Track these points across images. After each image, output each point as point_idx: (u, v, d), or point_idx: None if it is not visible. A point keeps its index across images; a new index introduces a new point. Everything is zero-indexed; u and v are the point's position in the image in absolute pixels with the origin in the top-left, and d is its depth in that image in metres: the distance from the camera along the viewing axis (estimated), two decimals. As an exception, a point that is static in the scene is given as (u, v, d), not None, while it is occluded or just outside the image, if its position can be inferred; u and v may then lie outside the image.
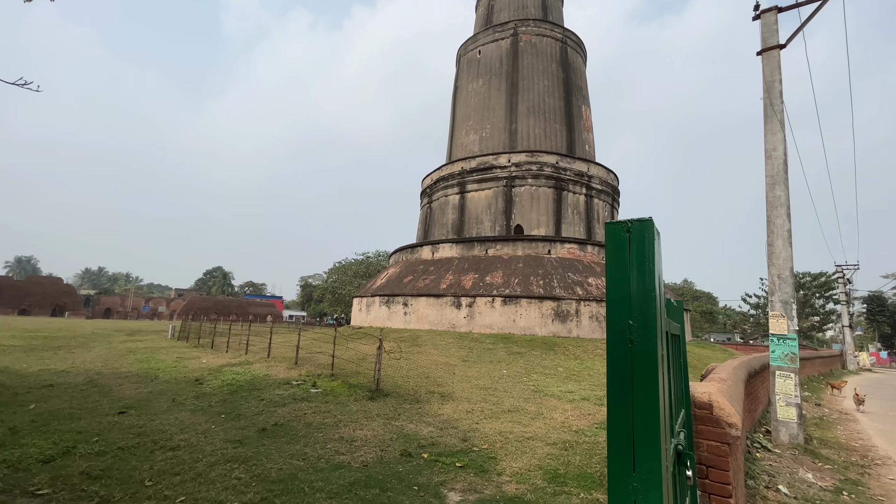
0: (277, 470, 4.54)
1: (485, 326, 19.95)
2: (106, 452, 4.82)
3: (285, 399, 8.02)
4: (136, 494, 3.79)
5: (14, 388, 8.15)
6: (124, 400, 7.71)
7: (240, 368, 11.47)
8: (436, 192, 30.81)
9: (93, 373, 10.61)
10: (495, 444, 5.85)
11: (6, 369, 10.63)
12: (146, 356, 14.43)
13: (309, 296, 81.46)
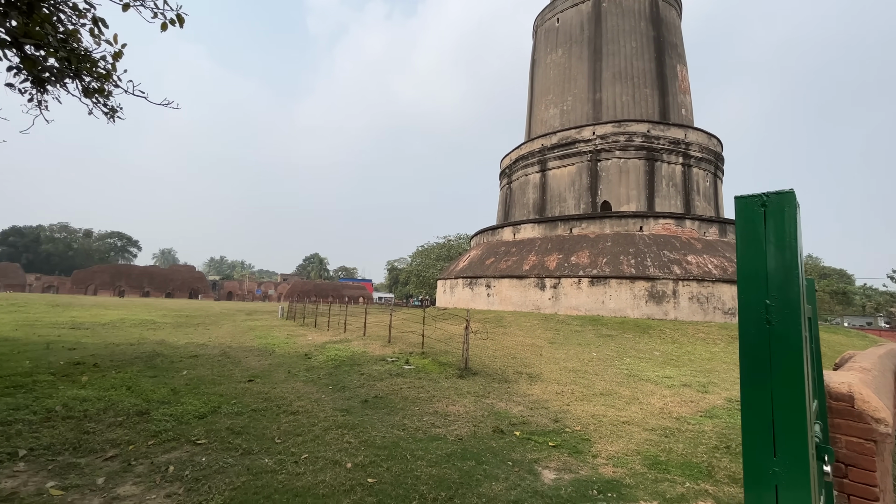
0: (381, 437, 4.98)
1: (571, 308, 19.37)
2: (243, 413, 5.67)
3: (382, 374, 8.66)
4: (270, 449, 4.43)
5: (170, 357, 9.89)
6: (251, 370, 8.94)
7: (340, 345, 12.59)
8: (515, 171, 30.21)
9: (225, 346, 12.44)
10: (588, 426, 5.75)
11: (163, 342, 12.91)
12: (263, 333, 16.47)
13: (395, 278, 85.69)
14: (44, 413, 5.16)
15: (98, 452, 4.15)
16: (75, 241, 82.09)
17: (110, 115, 6.73)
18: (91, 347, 11.03)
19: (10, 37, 5.10)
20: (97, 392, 6.24)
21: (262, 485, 3.59)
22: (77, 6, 4.98)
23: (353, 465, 4.11)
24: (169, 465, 3.92)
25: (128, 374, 7.70)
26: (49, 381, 6.85)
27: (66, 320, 18.34)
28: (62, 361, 8.66)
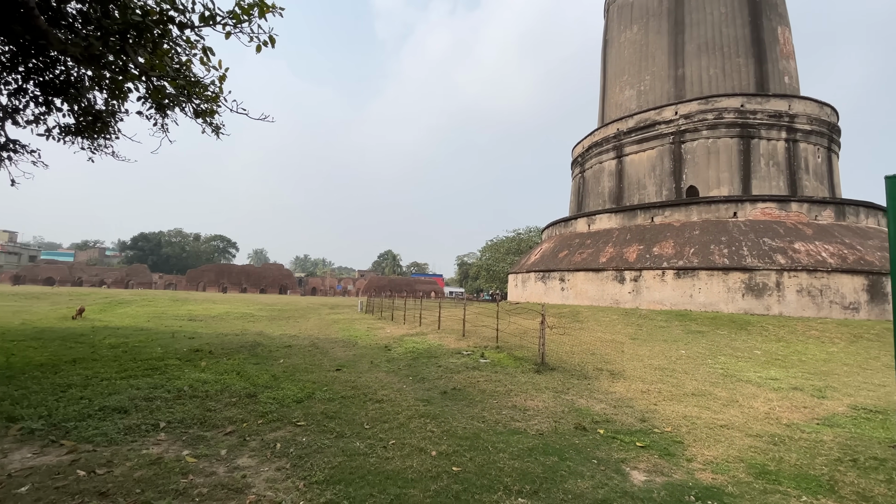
0: (462, 428, 5.10)
1: (654, 302, 18.15)
2: (334, 399, 6.14)
3: (458, 367, 8.83)
4: (360, 434, 4.76)
5: (269, 347, 10.98)
6: (337, 360, 9.62)
7: (417, 338, 13.04)
8: (588, 159, 28.87)
9: (313, 338, 13.51)
10: (680, 427, 5.38)
11: (261, 333, 14.35)
12: (346, 326, 17.59)
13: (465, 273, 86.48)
14: (175, 392, 6.02)
15: (219, 427, 4.76)
16: (187, 244, 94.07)
17: (216, 131, 7.60)
18: (205, 337, 12.61)
19: (140, 71, 5.97)
20: (214, 376, 7.14)
21: (356, 466, 3.87)
22: (189, 38, 5.69)
23: (438, 453, 4.27)
24: (276, 442, 4.38)
25: (236, 361, 8.70)
26: (176, 364, 7.97)
27: (184, 313, 21.13)
28: (185, 349, 10.01)
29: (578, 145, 30.75)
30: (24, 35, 6.13)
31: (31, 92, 7.45)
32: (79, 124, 7.66)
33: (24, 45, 6.66)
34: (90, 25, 6.05)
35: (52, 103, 7.54)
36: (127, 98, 6.64)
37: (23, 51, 6.88)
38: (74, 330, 12.90)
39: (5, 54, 7.15)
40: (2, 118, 7.56)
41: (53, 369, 7.11)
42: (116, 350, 9.37)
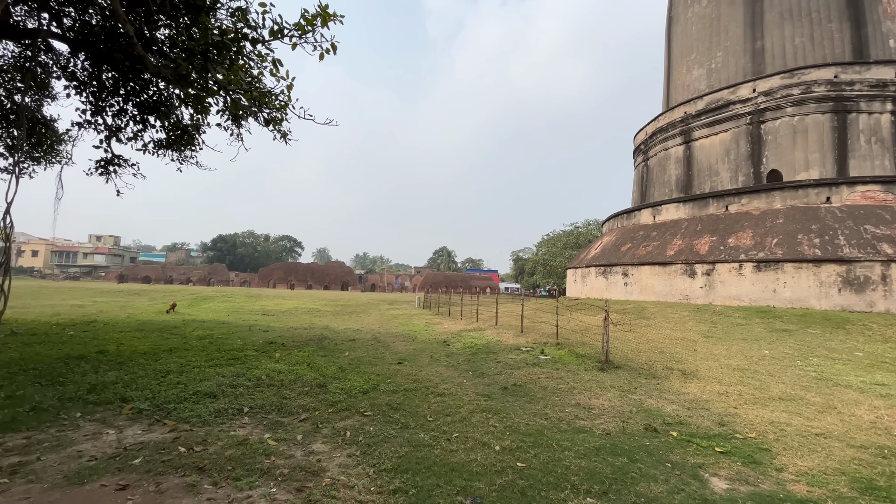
0: (525, 425, 5.05)
1: (730, 298, 16.76)
2: (398, 391, 6.35)
3: (518, 363, 8.74)
4: (424, 426, 4.88)
5: (335, 340, 11.57)
6: (399, 354, 9.92)
7: (475, 334, 13.08)
8: (652, 146, 27.22)
9: (375, 332, 14.02)
10: (766, 434, 4.93)
11: (327, 327, 15.15)
12: (405, 321, 18.06)
13: (521, 269, 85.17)
14: (255, 380, 6.54)
15: (295, 414, 5.11)
16: (259, 244, 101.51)
17: (284, 138, 8.11)
18: (278, 330, 13.55)
19: (219, 86, 6.52)
20: (287, 366, 7.67)
21: (421, 457, 3.97)
22: (260, 52, 6.11)
23: (501, 448, 4.27)
24: (346, 430, 4.62)
25: (306, 353, 9.26)
26: (254, 355, 8.65)
27: (258, 308, 22.84)
28: (261, 341, 10.83)
29: (641, 132, 29.07)
30: (124, 61, 6.93)
31: (130, 112, 8.41)
32: (169, 138, 8.53)
33: (124, 70, 7.52)
34: (177, 48, 6.70)
35: (147, 121, 8.47)
36: (209, 112, 7.28)
37: (123, 76, 7.78)
38: (168, 322, 14.44)
39: (109, 80, 8.13)
40: (108, 136, 8.61)
41: (154, 357, 8.01)
42: (203, 341, 10.36)
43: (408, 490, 3.30)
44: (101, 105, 8.21)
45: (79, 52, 7.85)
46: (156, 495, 3.06)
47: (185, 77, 5.85)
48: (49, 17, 7.40)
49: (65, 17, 7.44)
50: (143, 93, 8.16)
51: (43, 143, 9.70)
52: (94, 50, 7.22)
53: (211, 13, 5.84)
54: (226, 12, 6.43)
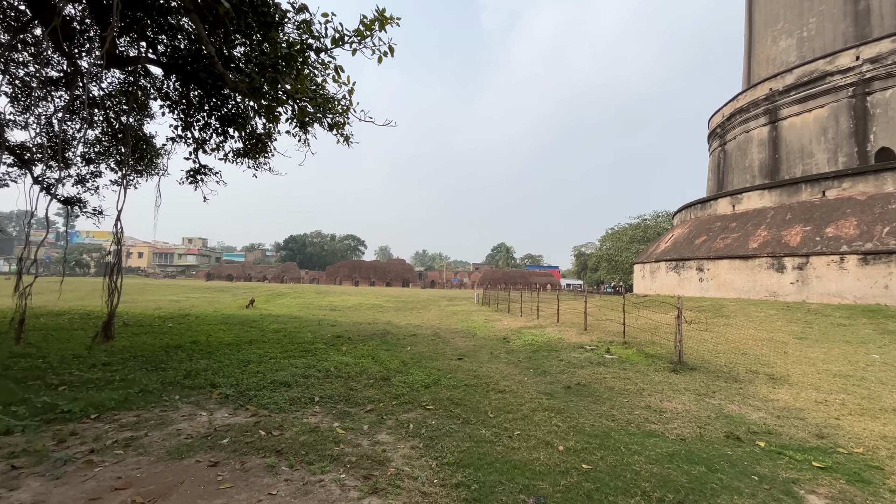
0: (590, 426, 4.86)
1: (829, 295, 14.91)
2: (458, 387, 6.40)
3: (582, 362, 8.44)
4: (485, 422, 4.87)
5: (397, 335, 11.94)
6: (459, 349, 10.00)
7: (535, 331, 12.83)
8: (731, 129, 24.89)
9: (435, 328, 14.26)
10: (876, 449, 4.33)
11: (390, 322, 15.67)
12: (464, 317, 18.16)
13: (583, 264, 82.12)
14: (324, 372, 6.93)
15: (361, 405, 5.34)
16: (325, 243, 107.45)
17: (346, 141, 8.47)
18: (344, 325, 14.25)
19: (287, 96, 6.95)
20: (354, 359, 8.04)
21: (483, 452, 3.98)
22: (323, 61, 6.43)
23: (565, 448, 4.15)
24: (409, 423, 4.74)
25: (370, 347, 9.64)
26: (323, 348, 9.17)
27: (326, 304, 24.17)
28: (329, 335, 11.46)
29: (717, 114, 26.68)
30: (207, 80, 7.63)
31: (213, 125, 9.25)
32: (246, 147, 9.27)
33: (207, 87, 8.29)
34: (251, 64, 7.25)
35: (227, 132, 9.27)
36: (279, 120, 7.81)
37: (207, 93, 8.57)
38: (248, 317, 15.75)
39: (196, 97, 9.00)
40: (195, 148, 9.54)
41: (237, 348, 8.78)
42: (278, 334, 11.17)
43: (470, 485, 3.32)
44: (189, 121, 9.12)
45: (171, 74, 8.77)
46: (241, 473, 3.35)
47: (258, 90, 6.32)
48: (146, 46, 8.35)
49: (159, 45, 8.35)
50: (223, 107, 8.94)
51: (144, 157, 10.98)
52: (183, 71, 8.03)
53: (280, 28, 6.24)
54: (292, 26, 6.84)
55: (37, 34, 8.90)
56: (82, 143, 11.43)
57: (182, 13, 7.69)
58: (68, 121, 10.87)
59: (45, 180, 11.13)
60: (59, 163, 11.42)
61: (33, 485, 3.05)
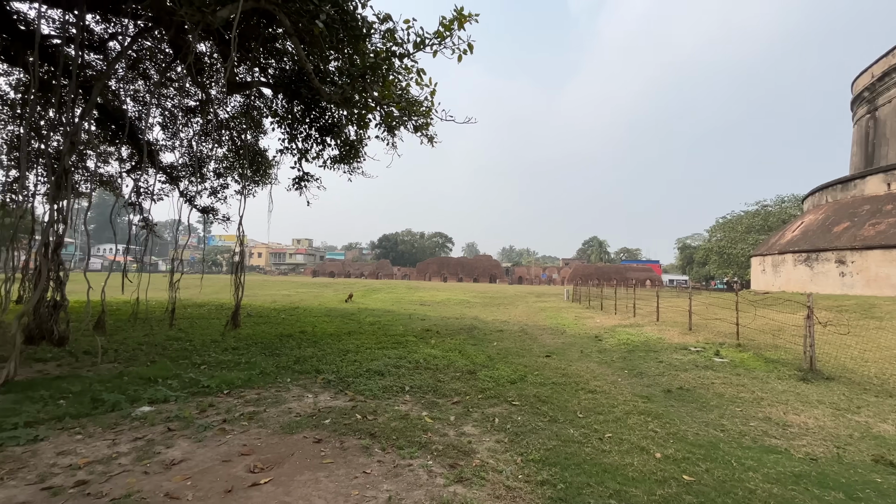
0: (694, 434, 4.43)
1: None
2: (545, 384, 6.26)
3: (685, 364, 7.69)
4: (573, 422, 4.71)
5: (483, 331, 12.04)
6: (546, 346, 9.75)
7: (631, 330, 11.98)
8: (883, 91, 20.58)
9: (522, 324, 14.07)
10: None
11: (476, 317, 15.85)
12: (553, 314, 17.64)
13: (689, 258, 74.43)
14: (414, 363, 7.27)
15: (448, 397, 5.51)
16: (415, 241, 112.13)
17: (430, 141, 8.74)
18: (433, 319, 14.76)
19: (375, 103, 7.39)
20: (442, 352, 8.30)
21: (570, 452, 3.85)
22: (406, 65, 6.71)
23: (663, 456, 3.84)
24: (494, 417, 4.77)
25: (457, 341, 9.86)
26: (413, 341, 9.61)
27: (416, 299, 25.23)
28: (419, 328, 11.97)
29: (864, 75, 22.19)
30: (307, 95, 8.43)
31: (313, 136, 10.21)
32: (341, 154, 10.06)
33: (307, 102, 9.16)
34: (342, 76, 7.85)
35: (325, 141, 10.15)
36: (368, 127, 8.34)
37: (307, 107, 9.48)
38: (347, 310, 17.12)
39: (298, 112, 9.99)
40: (299, 158, 10.61)
41: (337, 338, 9.61)
42: (373, 326, 11.97)
43: (556, 483, 3.24)
44: (294, 133, 10.17)
45: (278, 93, 9.87)
46: (340, 451, 3.69)
47: (349, 99, 6.82)
48: (259, 71, 9.50)
49: (268, 69, 9.45)
50: (321, 118, 9.81)
51: (259, 169, 12.52)
52: (288, 90, 8.98)
53: (367, 39, 6.66)
54: (378, 35, 7.25)
55: (178, 71, 10.62)
56: (213, 160, 13.42)
57: (285, 38, 8.60)
58: (203, 142, 12.81)
59: (188, 193, 13.29)
60: (198, 178, 13.50)
61: (182, 445, 3.69)
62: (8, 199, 12.51)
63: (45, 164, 9.92)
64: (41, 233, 6.34)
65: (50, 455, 3.37)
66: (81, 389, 4.96)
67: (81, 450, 3.50)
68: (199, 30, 5.51)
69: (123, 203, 12.25)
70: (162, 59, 10.79)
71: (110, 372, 5.90)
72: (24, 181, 11.51)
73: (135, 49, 9.96)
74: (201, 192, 13.50)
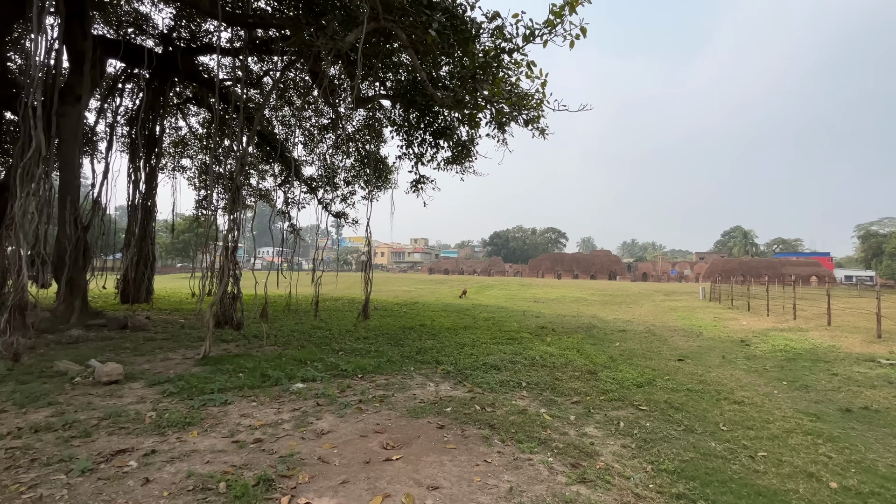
0: (886, 466, 3.57)
1: None
2: (678, 390, 5.66)
3: (872, 380, 6.21)
4: (715, 434, 4.17)
5: (603, 330, 11.34)
6: (679, 349, 8.78)
7: (791, 335, 10.10)
8: None
9: (648, 324, 12.88)
10: None
11: (595, 316, 15.00)
12: (685, 314, 15.77)
13: (875, 249, 59.65)
14: (529, 360, 7.20)
15: (566, 396, 5.34)
16: (527, 237, 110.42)
17: (542, 133, 8.54)
18: (547, 316, 14.40)
19: (485, 101, 7.49)
20: (558, 350, 8.06)
21: (712, 468, 3.43)
22: (516, 60, 6.66)
23: (841, 486, 3.18)
24: (619, 420, 4.48)
25: (575, 340, 9.47)
26: (528, 338, 9.51)
27: (529, 296, 24.88)
28: (533, 325, 11.80)
29: None
30: (421, 102, 8.95)
31: (427, 140, 10.79)
32: (453, 155, 10.45)
33: (422, 108, 9.72)
34: (453, 80, 8.14)
35: (438, 144, 10.65)
36: (479, 126, 8.50)
37: (422, 113, 10.05)
38: (461, 305, 17.68)
39: (414, 119, 10.65)
40: (416, 162, 11.31)
41: (454, 332, 10.01)
42: (488, 322, 12.16)
43: (695, 500, 2.92)
44: (410, 139, 10.89)
45: (396, 103, 10.67)
46: (462, 438, 3.86)
47: (461, 101, 7.05)
48: (379, 84, 10.39)
49: (387, 81, 10.27)
50: (434, 122, 10.32)
51: (381, 175, 13.69)
52: (404, 99, 9.66)
53: (476, 39, 6.79)
54: (486, 34, 7.33)
55: (314, 95, 12.18)
56: (343, 170, 15.09)
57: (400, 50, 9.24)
58: (334, 155, 14.49)
59: (324, 200, 15.18)
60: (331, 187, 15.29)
61: (328, 419, 4.26)
62: (199, 213, 15.83)
63: (223, 183, 12.27)
64: (222, 239, 7.90)
65: (236, 416, 4.19)
66: (253, 366, 6.04)
67: (256, 414, 4.28)
68: (332, 55, 6.25)
69: (277, 212, 14.51)
70: (302, 86, 12.48)
71: (272, 353, 7.08)
72: (210, 198, 14.47)
73: (282, 81, 11.71)
74: (334, 199, 15.31)
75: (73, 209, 9.04)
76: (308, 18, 7.47)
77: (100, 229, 11.46)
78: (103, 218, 11.69)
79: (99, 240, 11.69)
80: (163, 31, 11.49)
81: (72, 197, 9.10)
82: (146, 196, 12.70)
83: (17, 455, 3.18)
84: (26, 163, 4.77)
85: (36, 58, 5.46)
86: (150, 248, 13.13)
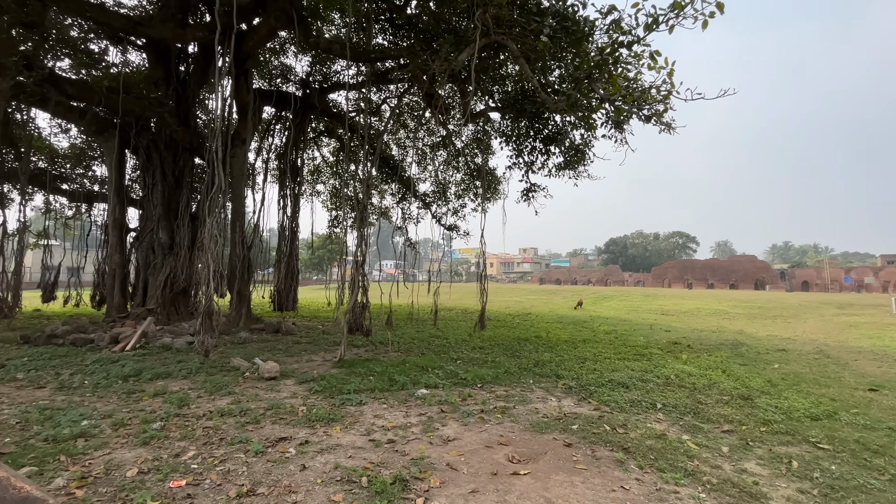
0: None
1: None
2: (874, 428, 4.50)
3: None
4: (942, 490, 3.19)
5: (755, 348, 9.66)
6: (868, 376, 7.03)
7: None
8: None
9: (818, 343, 10.61)
10: None
11: (741, 332, 12.89)
12: (872, 332, 12.64)
13: None
14: (663, 379, 6.46)
15: (714, 423, 4.64)
16: (648, 243, 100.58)
17: (668, 128, 7.74)
18: (680, 331, 12.82)
19: (601, 100, 7.07)
20: (697, 369, 7.09)
21: (943, 534, 2.62)
22: (636, 52, 6.16)
23: None
24: (790, 458, 3.72)
25: (718, 358, 8.24)
26: (659, 354, 8.56)
27: (655, 307, 22.52)
28: (663, 340, 10.61)
29: None
30: (531, 109, 8.84)
31: (537, 147, 10.59)
32: (566, 160, 10.06)
33: (531, 116, 9.59)
34: (565, 83, 7.87)
35: (549, 151, 10.37)
36: (595, 127, 8.05)
37: (531, 121, 9.92)
38: (578, 317, 16.75)
39: (523, 127, 10.56)
40: (526, 171, 11.17)
41: (573, 345, 9.51)
42: (609, 335, 11.30)
43: (920, 574, 2.26)
44: (520, 148, 10.81)
45: (504, 114, 10.73)
46: (592, 459, 3.60)
47: (575, 104, 6.77)
48: (487, 97, 10.57)
49: (495, 94, 10.40)
50: (544, 129, 10.09)
51: (491, 187, 13.83)
52: (513, 109, 9.65)
53: (589, 38, 6.48)
54: (600, 31, 6.95)
55: (427, 116, 12.91)
56: (454, 184, 15.65)
57: (508, 61, 9.28)
58: (445, 170, 15.12)
59: (436, 214, 15.90)
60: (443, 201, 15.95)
61: (453, 426, 4.36)
62: (332, 231, 17.88)
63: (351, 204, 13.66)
64: (352, 253, 8.77)
65: (370, 416, 4.54)
66: (381, 370, 6.51)
67: (387, 416, 4.58)
68: (446, 76, 6.56)
69: (395, 227, 15.63)
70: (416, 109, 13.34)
71: (397, 358, 7.55)
72: (340, 218, 16.27)
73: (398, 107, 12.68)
74: (446, 212, 15.93)
75: (241, 232, 10.97)
76: (421, 45, 7.99)
77: (259, 248, 13.68)
78: (261, 239, 13.95)
79: (258, 257, 13.95)
80: (302, 77, 13.41)
81: (240, 223, 11.08)
82: (291, 219, 14.81)
83: (210, 434, 3.90)
84: (213, 196, 5.94)
85: (217, 112, 6.81)
86: (295, 263, 15.24)
